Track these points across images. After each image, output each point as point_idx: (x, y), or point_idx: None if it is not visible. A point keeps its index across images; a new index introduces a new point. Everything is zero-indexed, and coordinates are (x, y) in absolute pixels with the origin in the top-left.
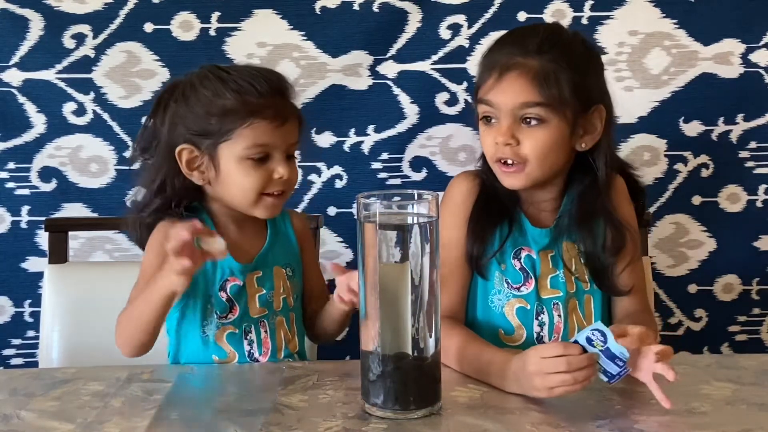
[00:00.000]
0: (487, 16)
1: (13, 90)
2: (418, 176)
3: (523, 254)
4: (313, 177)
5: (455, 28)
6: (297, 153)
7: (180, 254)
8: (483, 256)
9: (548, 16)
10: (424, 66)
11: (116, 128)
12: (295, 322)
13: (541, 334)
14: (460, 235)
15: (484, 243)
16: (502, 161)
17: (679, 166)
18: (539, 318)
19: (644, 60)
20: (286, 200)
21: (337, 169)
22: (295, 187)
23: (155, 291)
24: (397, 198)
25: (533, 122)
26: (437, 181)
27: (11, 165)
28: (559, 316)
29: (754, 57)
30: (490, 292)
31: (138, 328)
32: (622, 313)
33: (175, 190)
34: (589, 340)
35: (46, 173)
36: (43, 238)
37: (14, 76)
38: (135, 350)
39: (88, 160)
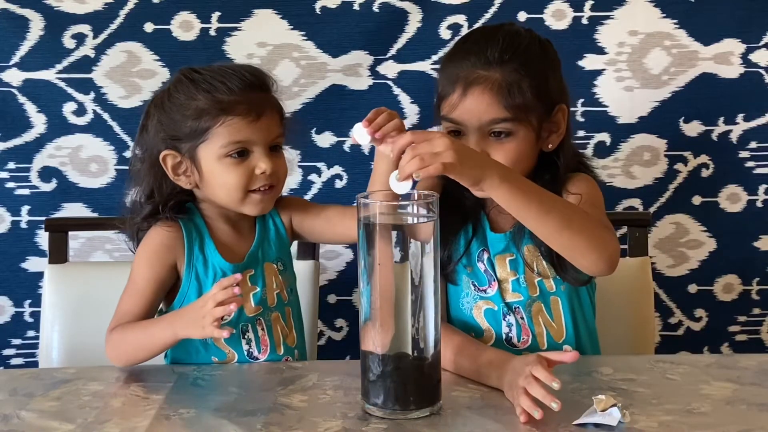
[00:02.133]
0: (487, 16)
1: (13, 90)
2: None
3: (485, 256)
4: (313, 177)
5: (455, 28)
6: (298, 152)
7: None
8: (449, 261)
9: (548, 16)
10: (424, 66)
11: (116, 128)
12: (292, 315)
13: (510, 335)
14: None
15: (448, 248)
16: None
17: (679, 166)
18: (506, 319)
19: (644, 60)
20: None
21: (337, 169)
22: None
23: (173, 335)
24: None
25: (501, 136)
26: None
27: (11, 165)
28: (522, 318)
29: (754, 57)
30: (459, 295)
31: (141, 355)
32: None
33: (164, 195)
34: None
35: (46, 173)
36: (43, 238)
37: (14, 76)
38: (129, 365)
39: (88, 160)
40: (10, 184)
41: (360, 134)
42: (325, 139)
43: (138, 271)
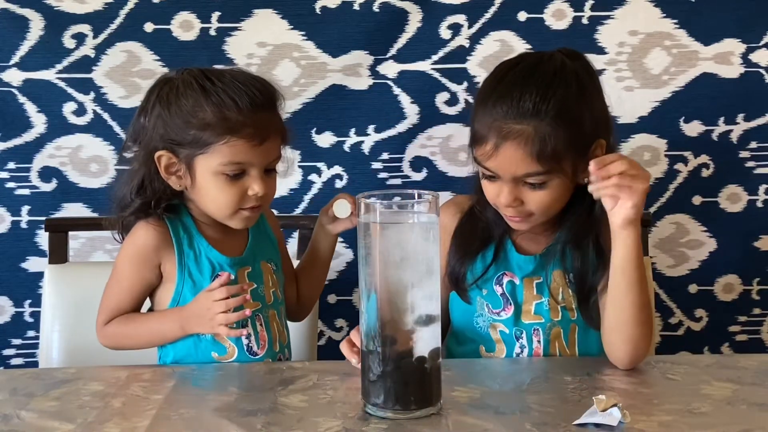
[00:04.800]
0: (488, 16)
1: (13, 90)
2: (418, 176)
3: (506, 280)
4: (313, 177)
5: (455, 28)
6: (298, 152)
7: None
8: (464, 280)
9: (548, 16)
10: (424, 66)
11: (116, 128)
12: (283, 314)
13: (521, 356)
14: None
15: (464, 267)
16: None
17: (679, 166)
18: (519, 341)
19: (644, 60)
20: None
21: (337, 169)
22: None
23: (180, 330)
24: (397, 198)
25: (535, 186)
26: (437, 181)
27: (11, 165)
28: (539, 341)
29: (754, 57)
30: (473, 313)
31: (142, 347)
32: None
33: (155, 191)
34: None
35: (46, 173)
36: (43, 238)
37: (14, 76)
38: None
39: (88, 160)
40: (10, 184)
41: (343, 208)
42: (325, 139)
43: (124, 270)
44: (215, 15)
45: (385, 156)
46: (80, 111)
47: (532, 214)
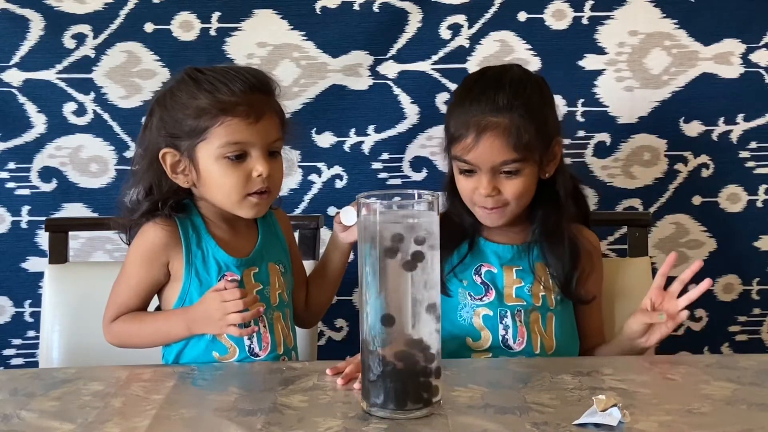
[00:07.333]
0: (487, 16)
1: (13, 90)
2: (418, 176)
3: (484, 270)
4: (313, 177)
5: (455, 28)
6: (298, 152)
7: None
8: (443, 275)
9: (548, 16)
10: (424, 66)
11: (116, 128)
12: (289, 317)
13: (506, 337)
14: None
15: (443, 265)
16: (484, 206)
17: (679, 166)
18: (503, 321)
19: (644, 60)
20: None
21: (337, 169)
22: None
23: (187, 331)
24: (397, 198)
25: (511, 174)
26: (437, 181)
27: (11, 165)
28: (521, 321)
29: (754, 57)
30: (457, 307)
31: (148, 345)
32: (589, 327)
33: (162, 192)
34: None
35: (47, 173)
36: (43, 238)
37: (14, 76)
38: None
39: (89, 160)
40: (10, 184)
41: (350, 215)
42: (325, 139)
43: (133, 269)
44: (215, 15)
45: (385, 156)
46: (80, 111)
47: (508, 203)
